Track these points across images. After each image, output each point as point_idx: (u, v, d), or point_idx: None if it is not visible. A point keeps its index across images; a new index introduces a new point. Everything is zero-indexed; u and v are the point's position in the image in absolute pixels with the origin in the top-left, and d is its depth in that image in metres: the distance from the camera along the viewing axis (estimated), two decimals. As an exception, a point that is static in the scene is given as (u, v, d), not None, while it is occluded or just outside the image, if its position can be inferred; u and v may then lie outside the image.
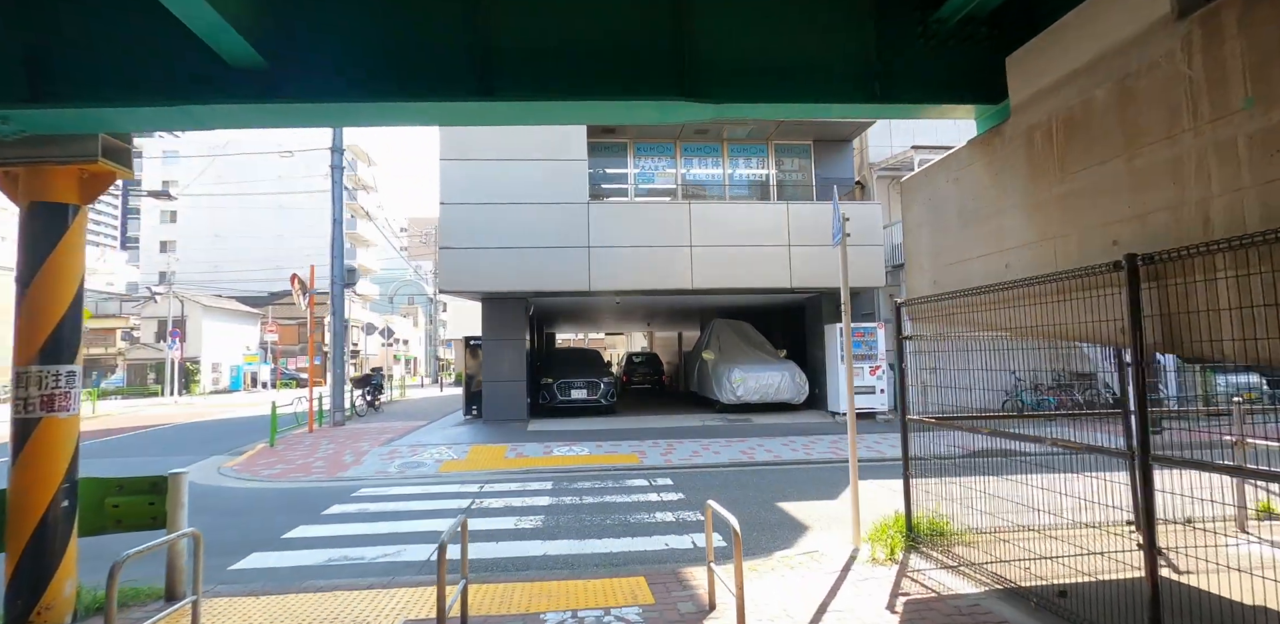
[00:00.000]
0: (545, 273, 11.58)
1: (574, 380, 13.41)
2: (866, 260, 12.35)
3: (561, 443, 10.70)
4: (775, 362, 13.66)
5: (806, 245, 12.21)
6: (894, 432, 11.46)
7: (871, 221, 12.45)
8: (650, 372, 22.95)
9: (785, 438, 11.16)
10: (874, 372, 12.67)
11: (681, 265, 11.84)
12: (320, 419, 14.07)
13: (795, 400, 13.19)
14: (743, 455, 9.73)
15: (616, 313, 17.92)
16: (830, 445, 10.46)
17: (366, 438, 11.83)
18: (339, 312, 14.27)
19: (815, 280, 12.16)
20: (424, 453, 10.08)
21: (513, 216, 11.66)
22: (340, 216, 14.46)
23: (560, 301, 13.54)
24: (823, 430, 11.86)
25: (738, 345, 14.66)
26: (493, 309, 12.67)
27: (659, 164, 13.41)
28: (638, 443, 10.71)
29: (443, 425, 13.01)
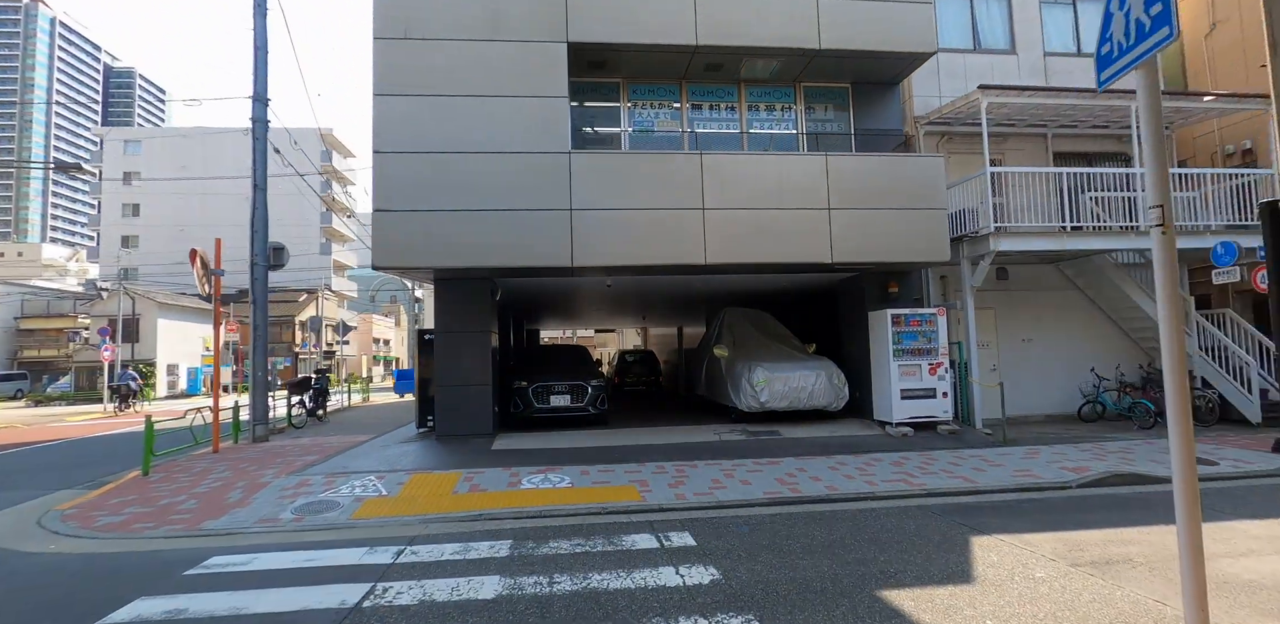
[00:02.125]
0: (514, 244, 8.83)
1: (554, 384, 10.67)
2: (926, 227, 9.69)
3: (534, 469, 7.95)
4: (807, 359, 10.97)
5: (852, 208, 9.53)
6: (966, 447, 8.73)
7: (932, 179, 9.78)
8: (645, 372, 20.26)
9: (830, 458, 8.47)
10: (934, 370, 10.02)
11: (691, 234, 9.13)
12: (237, 434, 11.23)
13: (833, 407, 10.51)
14: (782, 487, 7.04)
15: (607, 303, 15.17)
16: (895, 469, 7.78)
17: (280, 461, 9.03)
18: (260, 300, 11.44)
19: (861, 253, 9.48)
20: (343, 486, 7.31)
21: (471, 169, 8.89)
22: (262, 182, 11.63)
23: (535, 285, 10.76)
24: (875, 446, 9.18)
25: (757, 339, 11.96)
26: (448, 293, 9.90)
27: (660, 113, 10.67)
28: (637, 468, 7.98)
29: (387, 442, 10.21)
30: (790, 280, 11.40)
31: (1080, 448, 9.09)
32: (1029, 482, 7.22)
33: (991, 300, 11.98)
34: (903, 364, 9.94)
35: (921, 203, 9.68)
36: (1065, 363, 12.24)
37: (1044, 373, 12.03)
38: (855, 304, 11.07)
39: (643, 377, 20.19)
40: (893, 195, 9.61)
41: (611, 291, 12.28)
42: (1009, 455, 8.61)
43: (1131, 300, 11.73)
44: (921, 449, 9.06)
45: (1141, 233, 10.29)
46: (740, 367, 10.76)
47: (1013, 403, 11.64)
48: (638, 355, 21.44)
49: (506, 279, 10.18)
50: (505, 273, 9.56)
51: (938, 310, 10.17)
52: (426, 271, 9.32)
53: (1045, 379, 12.12)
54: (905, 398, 9.86)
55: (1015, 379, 11.41)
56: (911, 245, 9.61)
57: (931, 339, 10.07)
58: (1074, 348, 12.35)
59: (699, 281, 11.26)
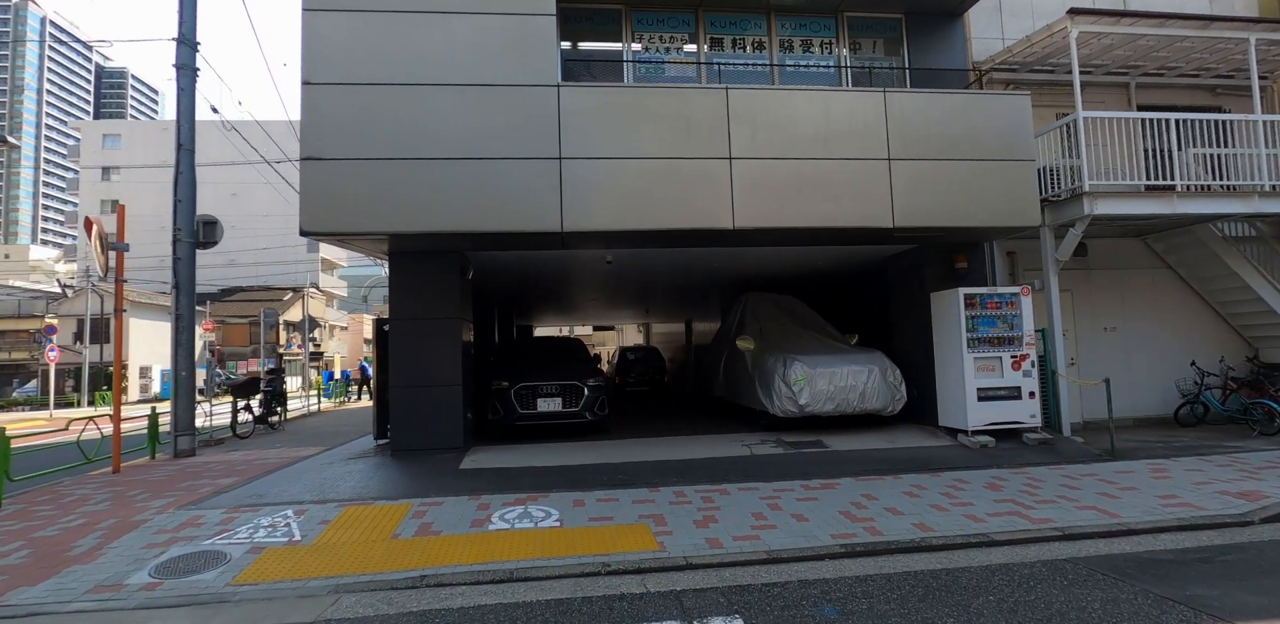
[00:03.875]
0: (487, 203, 6.80)
1: (542, 384, 8.63)
2: (1010, 183, 7.67)
3: (512, 497, 5.92)
4: (854, 351, 8.94)
5: (918, 159, 7.50)
6: (1067, 461, 6.82)
7: (1016, 123, 7.76)
8: (650, 371, 18.23)
9: (900, 480, 6.44)
10: (1018, 363, 7.98)
11: (715, 191, 7.10)
12: (154, 448, 9.17)
13: (888, 410, 8.48)
14: (854, 525, 5.03)
15: (605, 291, 13.12)
16: (994, 496, 5.78)
17: (186, 486, 6.98)
18: (185, 284, 9.38)
19: (930, 216, 7.46)
20: (244, 526, 5.27)
21: (431, 107, 6.86)
22: (189, 142, 9.60)
23: (518, 261, 8.71)
24: (951, 461, 7.16)
25: (788, 328, 9.93)
26: (406, 270, 7.86)
27: (671, 50, 8.64)
28: (648, 496, 5.95)
29: (333, 458, 8.15)
30: (827, 258, 9.37)
31: (1211, 462, 7.09)
32: (1191, 515, 5.22)
33: (1067, 281, 9.93)
34: (979, 357, 7.91)
35: (1004, 152, 7.66)
36: (1156, 356, 10.22)
37: (1130, 368, 10.01)
38: (911, 284, 9.04)
39: (646, 376, 18.15)
40: (967, 143, 7.58)
41: (612, 273, 10.24)
42: (1132, 474, 6.60)
43: (1240, 280, 9.72)
44: (1013, 465, 7.04)
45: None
46: (771, 361, 8.72)
47: (1094, 404, 9.65)
48: (640, 352, 19.40)
49: (481, 253, 8.14)
50: (478, 242, 7.52)
51: (1021, 289, 8.13)
52: (375, 241, 7.28)
53: (1132, 375, 10.09)
54: (983, 399, 7.83)
55: (1095, 375, 9.39)
56: (992, 206, 7.58)
57: (1014, 325, 8.03)
58: (1166, 338, 10.33)
59: (717, 258, 9.22)
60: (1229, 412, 9.37)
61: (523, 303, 15.59)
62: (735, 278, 11.38)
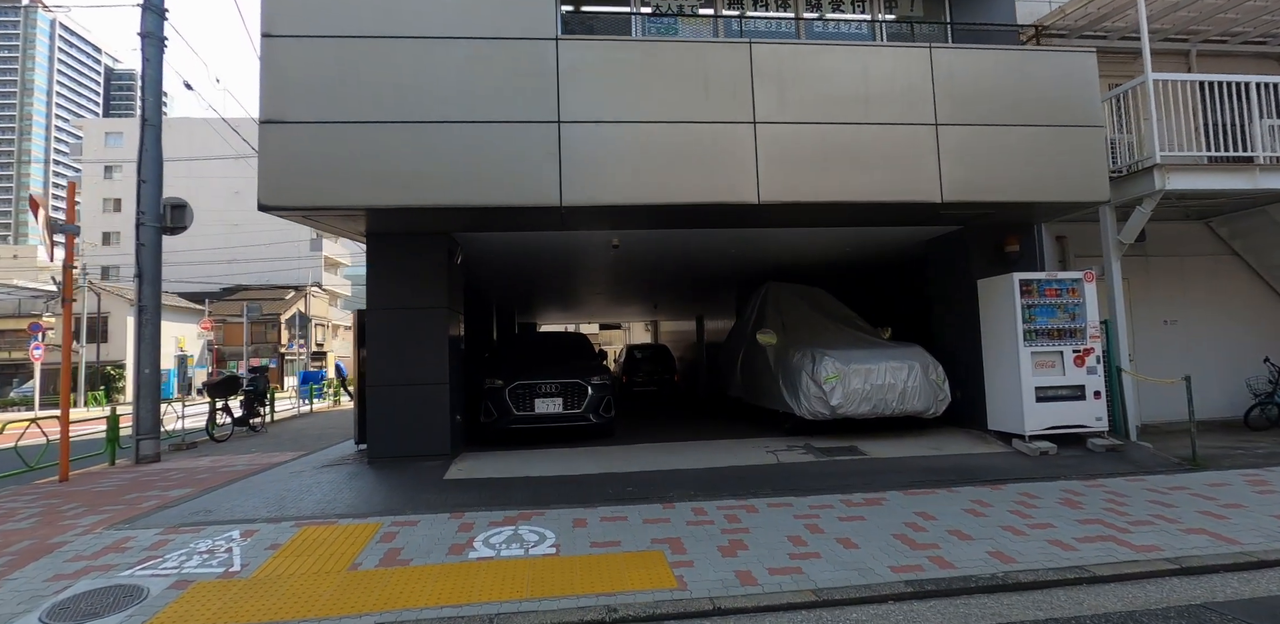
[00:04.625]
0: (475, 173, 5.90)
1: (540, 383, 7.71)
2: (1074, 152, 6.71)
3: (501, 515, 5.00)
4: (890, 346, 7.98)
5: (969, 124, 6.55)
6: (1144, 471, 5.77)
7: (1081, 83, 6.79)
8: (658, 369, 17.26)
9: (956, 493, 5.50)
10: (1081, 359, 7.01)
11: (737, 160, 6.17)
12: (113, 454, 8.32)
13: (930, 412, 7.51)
14: (916, 553, 4.09)
15: (611, 283, 12.20)
16: (1075, 515, 4.83)
17: (129, 498, 6.11)
18: (150, 273, 8.52)
19: (984, 189, 6.51)
20: (175, 552, 4.38)
21: (410, 63, 5.97)
22: (154, 117, 8.74)
23: (512, 245, 7.80)
24: (1009, 471, 6.20)
25: (815, 321, 8.98)
26: (385, 254, 6.97)
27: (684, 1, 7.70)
28: (662, 514, 5.02)
29: (305, 467, 7.26)
30: (858, 242, 8.41)
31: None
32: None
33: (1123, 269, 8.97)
34: (1037, 351, 6.94)
35: (1067, 117, 6.69)
36: (1221, 351, 9.20)
37: (1193, 364, 8.94)
38: (954, 271, 8.07)
39: (655, 375, 17.19)
40: (1026, 107, 6.62)
41: (619, 261, 9.32)
42: (1228, 487, 5.63)
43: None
44: (1082, 476, 6.08)
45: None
46: (798, 357, 7.77)
47: (1152, 406, 8.68)
48: (648, 350, 18.45)
49: (471, 235, 7.24)
50: (466, 221, 6.62)
51: (1084, 274, 7.16)
52: (347, 218, 6.37)
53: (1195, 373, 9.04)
54: (1042, 399, 6.86)
55: (1154, 372, 8.40)
56: (1055, 179, 6.62)
57: (1076, 316, 7.06)
58: (1233, 331, 9.31)
59: (735, 243, 8.29)
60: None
61: (523, 297, 14.69)
62: (753, 267, 10.43)
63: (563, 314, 21.60)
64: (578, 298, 15.24)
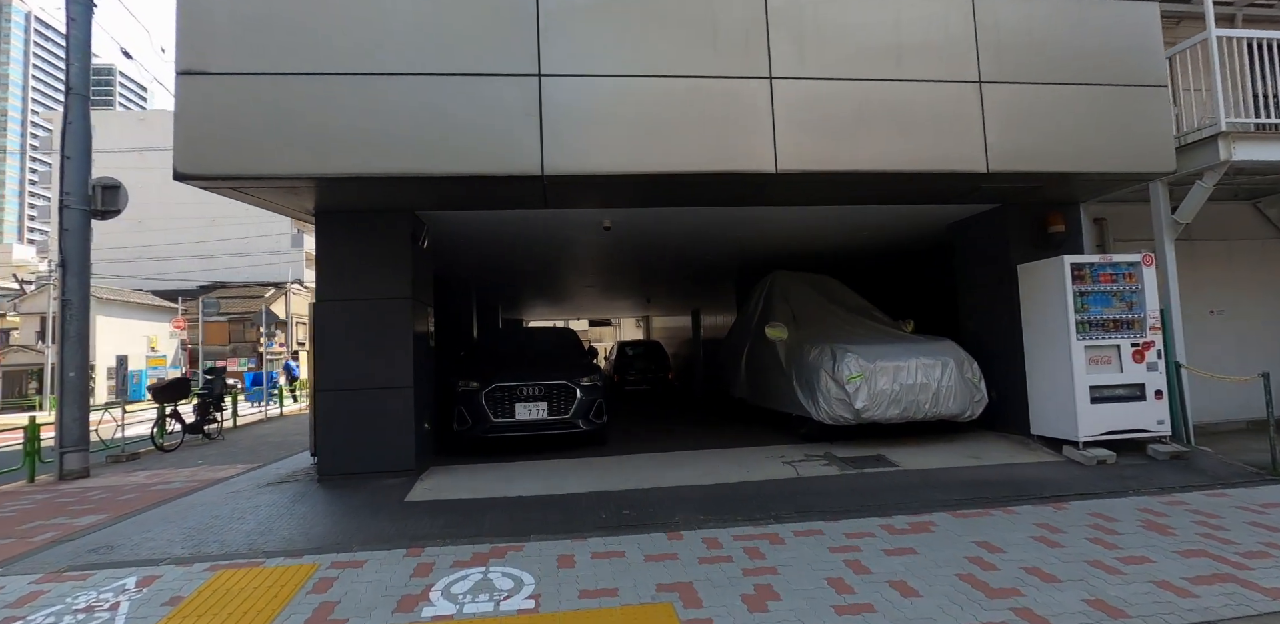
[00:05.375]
0: (440, 136, 4.92)
1: (522, 385, 6.75)
2: (1135, 116, 5.81)
3: (469, 552, 4.04)
4: (918, 341, 7.08)
5: (1016, 82, 5.64)
6: (1221, 483, 4.90)
7: (1142, 36, 5.90)
8: (652, 368, 16.33)
9: (1014, 515, 4.60)
10: (1140, 354, 6.14)
11: (749, 122, 5.23)
12: (33, 468, 7.27)
13: (966, 415, 6.62)
14: (997, 607, 3.16)
15: (601, 269, 11.24)
16: (1171, 544, 3.92)
17: (24, 530, 5.09)
18: (72, 263, 7.47)
19: (1035, 158, 5.62)
20: (41, 614, 3.38)
21: (358, 5, 4.96)
22: (81, 85, 7.66)
23: (487, 226, 6.82)
24: (1067, 485, 5.33)
25: (830, 313, 8.07)
26: (336, 235, 5.97)
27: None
28: (667, 547, 4.08)
29: (247, 485, 6.26)
30: (882, 223, 7.51)
31: None
32: None
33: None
34: (1091, 345, 6.06)
35: (1127, 76, 5.80)
36: (1273, 345, 8.39)
37: (1242, 359, 8.15)
38: (987, 255, 7.18)
39: (648, 373, 16.26)
40: (1080, 63, 5.73)
41: (610, 247, 8.36)
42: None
43: (1382, 251, 7.91)
44: (1153, 491, 5.22)
45: None
46: (814, 354, 6.85)
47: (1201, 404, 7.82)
48: (641, 348, 17.51)
49: (440, 215, 6.25)
50: (433, 196, 5.64)
51: (1143, 257, 6.28)
52: (288, 191, 5.36)
53: (1245, 369, 8.24)
54: (1097, 400, 5.99)
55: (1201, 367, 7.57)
56: (1115, 146, 5.74)
57: (1134, 304, 6.18)
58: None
59: (743, 224, 7.36)
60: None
61: (507, 290, 13.69)
62: (757, 254, 9.51)
63: (551, 309, 20.61)
64: (566, 291, 14.27)
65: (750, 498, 5.14)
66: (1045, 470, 5.77)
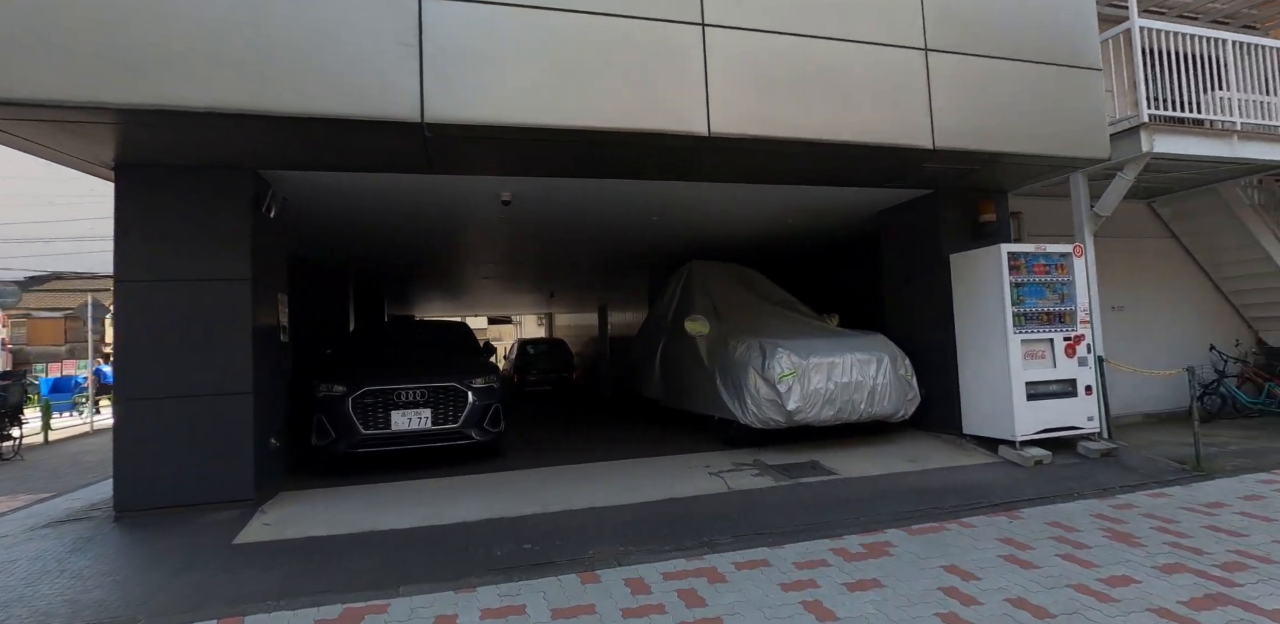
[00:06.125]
0: (291, 63, 3.73)
1: (399, 388, 5.58)
2: (1072, 98, 5.54)
3: (310, 619, 2.95)
4: (849, 336, 6.56)
5: (963, 53, 5.19)
6: (1156, 481, 4.79)
7: (1078, 15, 5.62)
8: (554, 366, 15.34)
9: (971, 530, 4.06)
10: (1071, 348, 5.90)
11: (678, 75, 4.42)
12: None
13: (899, 415, 6.16)
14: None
15: (500, 256, 10.14)
16: (1139, 559, 3.46)
17: None
18: None
19: (980, 136, 5.19)
20: None
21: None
22: None
23: (358, 191, 5.62)
24: (1013, 490, 4.92)
25: (755, 306, 7.46)
26: (143, 197, 4.59)
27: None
28: (580, 594, 3.15)
29: (20, 525, 4.73)
30: (811, 207, 6.95)
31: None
32: None
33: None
34: (1027, 339, 5.75)
35: (1067, 56, 5.51)
36: (1167, 340, 8.66)
37: (1142, 353, 8.32)
38: (918, 244, 6.79)
39: (551, 373, 15.25)
40: (1023, 39, 5.37)
41: (510, 228, 7.32)
42: (1268, 501, 4.61)
43: (1258, 250, 8.30)
44: (1098, 492, 4.91)
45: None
46: (740, 350, 6.17)
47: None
48: (543, 346, 16.45)
49: (292, 175, 4.99)
50: (281, 148, 4.41)
51: (1073, 248, 6.06)
52: (73, 134, 3.96)
53: (1142, 362, 8.45)
54: (1033, 397, 5.68)
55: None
56: (1057, 129, 5.42)
57: (1066, 297, 5.94)
58: (1177, 319, 8.81)
59: (662, 204, 6.57)
60: (1259, 404, 7.88)
61: (392, 280, 12.22)
62: (673, 243, 8.77)
63: (447, 304, 19.06)
64: (463, 283, 12.96)
65: (678, 520, 4.33)
66: (987, 474, 5.37)
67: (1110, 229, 8.45)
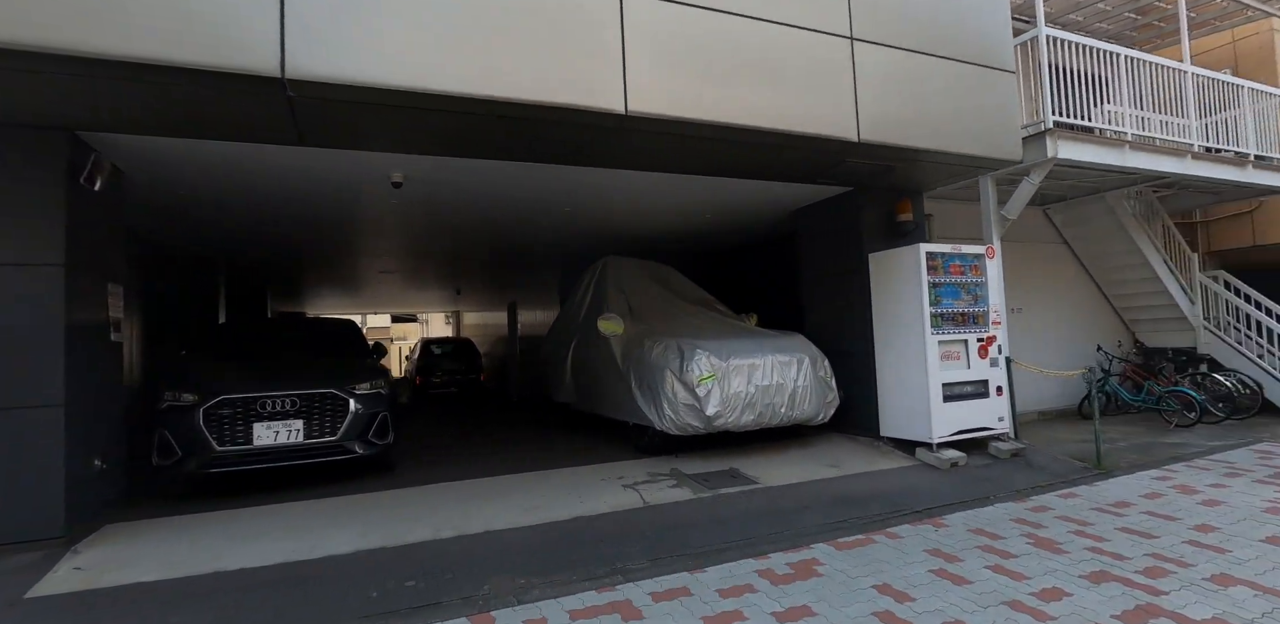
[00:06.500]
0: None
1: (264, 397, 4.79)
2: (988, 99, 5.52)
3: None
4: (769, 336, 6.31)
5: (888, 46, 5.03)
6: (1064, 481, 4.84)
7: (992, 14, 5.61)
8: (460, 367, 14.51)
9: (898, 542, 3.84)
10: (984, 349, 5.91)
11: (594, 46, 3.97)
12: None
13: (819, 418, 5.97)
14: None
15: (398, 248, 9.32)
16: (1066, 567, 3.32)
17: None
18: None
19: (908, 132, 5.05)
20: None
21: None
22: None
23: (219, 163, 4.78)
24: (935, 495, 4.82)
25: (673, 305, 7.10)
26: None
27: None
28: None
29: None
30: (728, 203, 6.67)
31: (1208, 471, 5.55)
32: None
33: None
34: (944, 340, 5.70)
35: (985, 56, 5.49)
36: (1060, 340, 9.06)
37: (1038, 354, 8.65)
38: (837, 243, 6.65)
39: (456, 375, 14.40)
40: (942, 34, 5.28)
41: (406, 216, 6.60)
42: (1166, 499, 4.73)
43: (1138, 256, 8.82)
44: (1013, 495, 4.89)
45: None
46: (658, 351, 5.78)
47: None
48: (449, 346, 15.53)
49: (123, 140, 4.13)
50: (98, 102, 3.57)
51: (986, 250, 6.08)
52: None
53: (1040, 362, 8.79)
54: (949, 398, 5.63)
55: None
56: (976, 128, 5.38)
57: (979, 298, 5.95)
58: (1066, 321, 9.24)
59: (573, 194, 6.09)
60: (1140, 401, 8.34)
61: (277, 272, 11.03)
62: (586, 238, 8.30)
63: (344, 301, 17.67)
64: (359, 277, 11.91)
65: (588, 542, 3.86)
66: (907, 478, 5.24)
67: (1009, 234, 8.75)
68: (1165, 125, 7.35)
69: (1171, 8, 8.39)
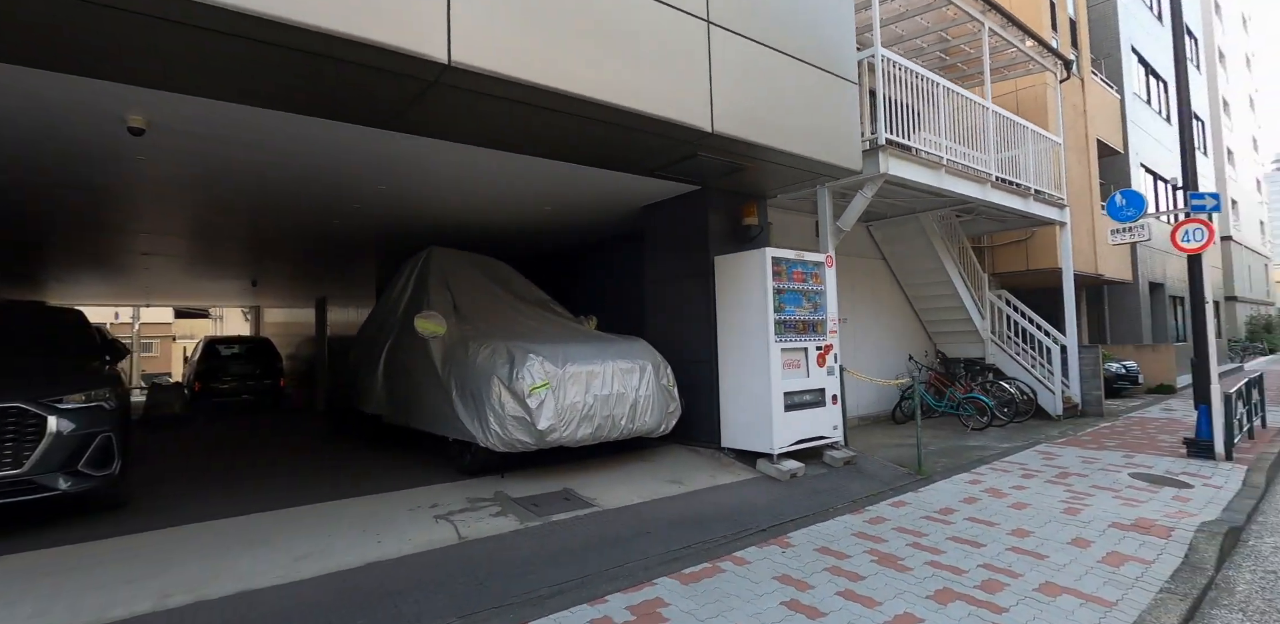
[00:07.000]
0: None
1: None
2: (832, 106, 5.51)
3: None
4: (609, 340, 5.79)
5: (744, 35, 4.77)
6: (891, 489, 4.95)
7: (838, 24, 5.63)
8: (255, 372, 12.47)
9: (747, 568, 3.53)
10: (823, 357, 5.89)
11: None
12: None
13: (661, 429, 5.56)
14: None
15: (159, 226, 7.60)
16: (911, 587, 3.20)
17: None
18: None
19: (759, 127, 4.81)
20: None
21: None
22: None
23: None
24: (775, 510, 4.62)
25: (504, 304, 6.35)
26: None
27: None
28: None
29: None
30: (568, 195, 6.09)
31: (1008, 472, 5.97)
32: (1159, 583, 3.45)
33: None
34: (786, 348, 5.57)
35: (832, 63, 5.46)
36: (877, 350, 9.62)
37: (860, 363, 9.11)
38: (684, 243, 6.35)
39: (250, 380, 12.33)
40: (795, 35, 5.16)
41: (163, 178, 5.20)
42: (981, 504, 4.92)
43: (941, 274, 9.65)
44: (848, 506, 4.82)
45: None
46: (485, 355, 5.03)
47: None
48: (241, 346, 13.27)
49: None
50: None
51: (825, 258, 6.09)
52: None
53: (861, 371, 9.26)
54: (790, 408, 5.51)
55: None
56: (820, 133, 5.32)
57: (819, 305, 5.93)
58: (884, 332, 9.85)
59: (385, 167, 5.16)
60: (941, 407, 9.06)
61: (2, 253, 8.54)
62: (407, 226, 7.27)
63: (105, 289, 14.42)
64: (112, 258, 9.61)
65: (378, 599, 3.04)
66: (749, 492, 4.99)
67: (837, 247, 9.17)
68: (968, 156, 8.04)
69: (975, 51, 9.30)
